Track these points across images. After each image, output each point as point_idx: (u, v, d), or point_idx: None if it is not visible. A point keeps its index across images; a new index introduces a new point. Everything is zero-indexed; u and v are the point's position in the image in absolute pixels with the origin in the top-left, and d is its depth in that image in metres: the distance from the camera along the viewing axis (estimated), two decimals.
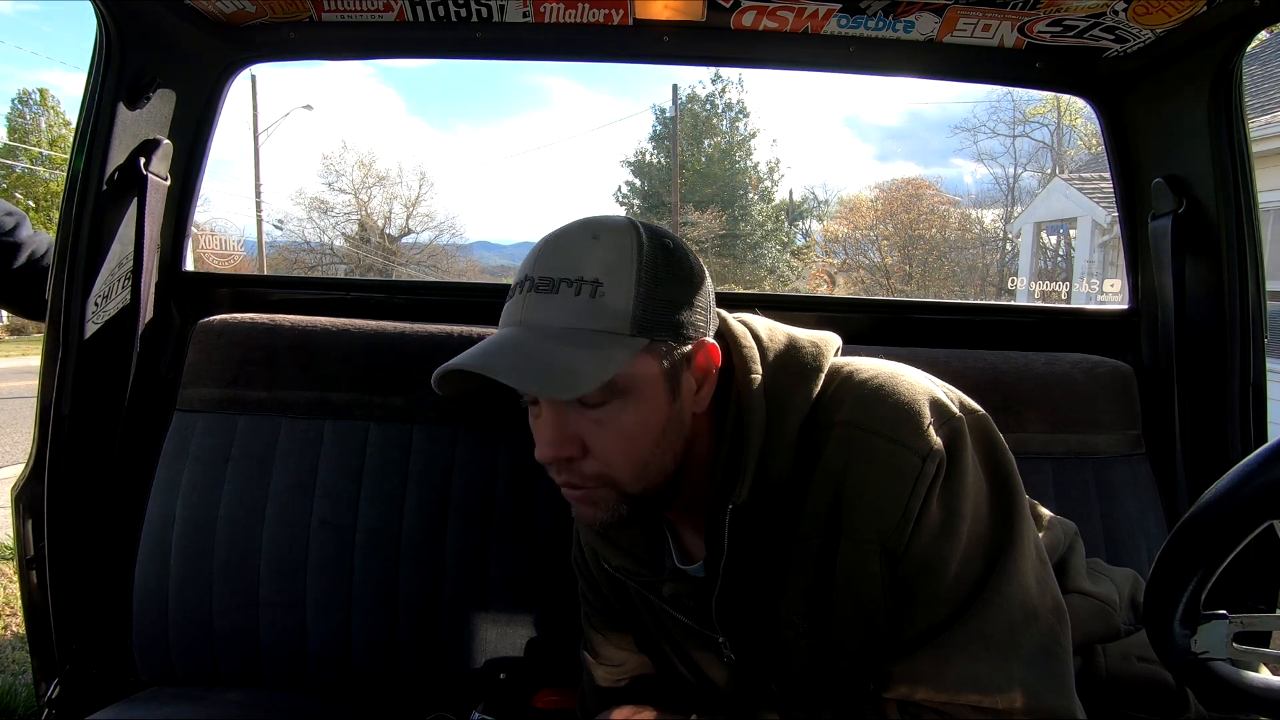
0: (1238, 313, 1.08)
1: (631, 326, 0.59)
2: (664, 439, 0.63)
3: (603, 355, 0.58)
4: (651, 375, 0.61)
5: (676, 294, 0.62)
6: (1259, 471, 0.49)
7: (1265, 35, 6.83)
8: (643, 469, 0.62)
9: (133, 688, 1.13)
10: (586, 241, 0.62)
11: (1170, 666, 0.55)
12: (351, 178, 25.73)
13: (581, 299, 0.59)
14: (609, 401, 0.60)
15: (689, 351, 0.63)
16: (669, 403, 0.62)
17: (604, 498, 0.63)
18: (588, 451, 0.62)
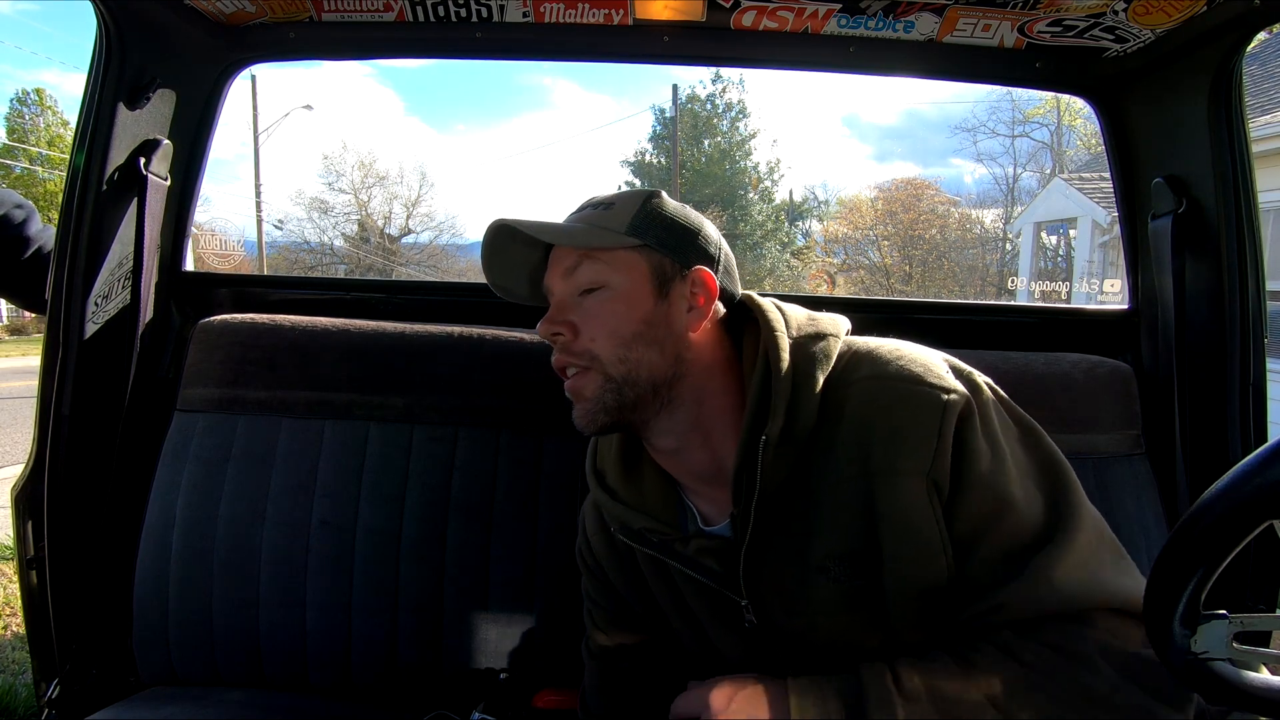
0: (1238, 313, 1.08)
1: (627, 228, 0.73)
2: (648, 332, 0.71)
3: (599, 236, 0.72)
4: (638, 271, 0.72)
5: (672, 221, 0.75)
6: (1258, 472, 0.49)
7: (1265, 35, 6.83)
8: (624, 352, 0.70)
9: (133, 688, 1.13)
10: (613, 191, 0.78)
11: (1170, 666, 0.55)
12: (351, 178, 25.74)
13: (597, 210, 0.75)
14: (600, 289, 0.72)
15: (683, 269, 0.73)
16: (653, 301, 0.72)
17: (592, 383, 0.71)
18: (578, 333, 0.71)
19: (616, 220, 0.73)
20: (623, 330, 0.70)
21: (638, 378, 0.70)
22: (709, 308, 0.74)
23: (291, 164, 50.27)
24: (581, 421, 0.72)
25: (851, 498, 0.66)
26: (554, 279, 0.75)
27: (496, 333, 1.21)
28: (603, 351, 0.70)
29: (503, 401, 1.17)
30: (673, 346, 0.72)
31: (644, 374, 0.70)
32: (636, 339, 0.70)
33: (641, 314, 0.71)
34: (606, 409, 0.71)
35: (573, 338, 0.71)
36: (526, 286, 0.80)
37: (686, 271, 0.73)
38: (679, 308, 0.72)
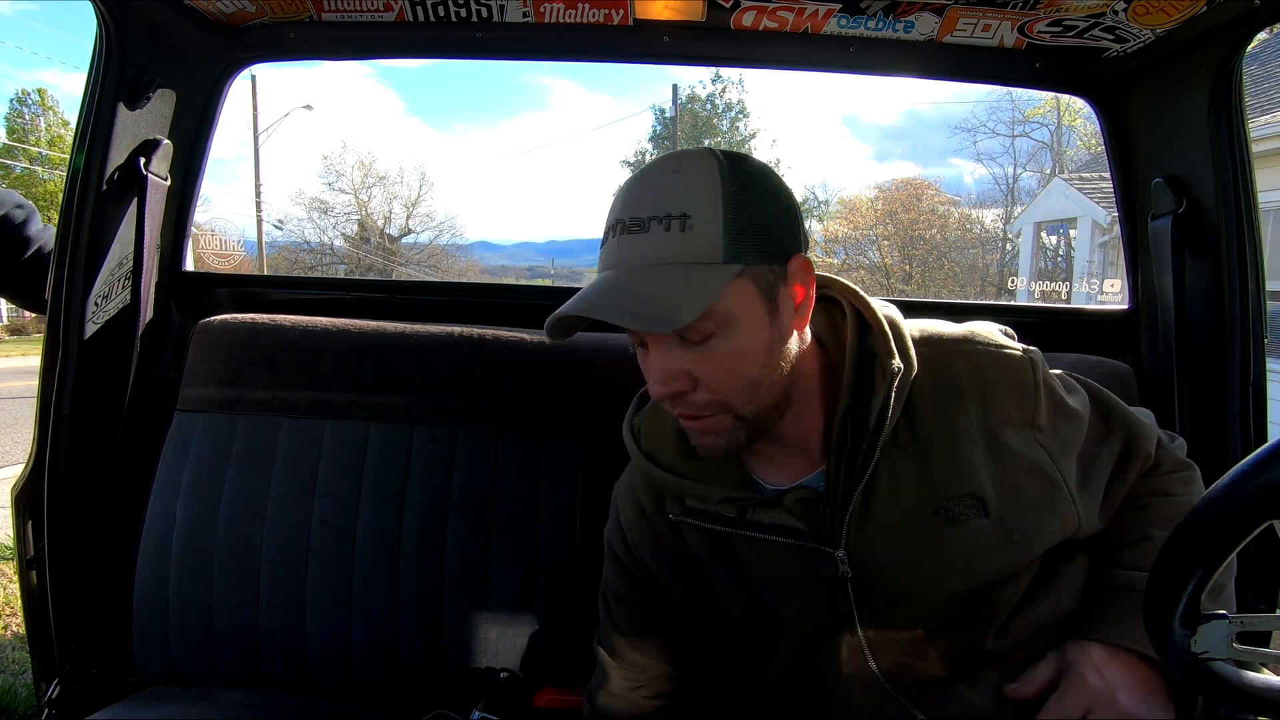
0: (1238, 313, 1.08)
1: (723, 254, 0.61)
2: (770, 359, 0.65)
3: (698, 286, 0.60)
4: (749, 299, 0.63)
5: (762, 215, 0.64)
6: (1258, 472, 0.49)
7: (1265, 35, 6.83)
8: (753, 392, 0.65)
9: (133, 688, 1.13)
10: (669, 177, 0.64)
11: (1170, 666, 0.55)
12: (351, 178, 25.75)
13: (672, 234, 0.61)
14: (712, 334, 0.62)
15: (782, 269, 0.65)
16: (769, 324, 0.64)
17: (720, 425, 0.66)
18: (698, 383, 0.64)
19: (706, 248, 0.61)
20: (748, 372, 0.64)
21: (766, 405, 0.67)
22: (810, 296, 0.68)
23: (291, 164, 50.30)
24: (709, 451, 0.69)
25: (969, 446, 0.69)
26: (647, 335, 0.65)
27: (496, 333, 1.21)
28: (732, 399, 0.65)
29: (503, 401, 1.17)
30: (789, 357, 0.67)
31: (771, 400, 0.67)
32: (761, 371, 0.65)
33: (763, 343, 0.65)
34: (738, 443, 0.67)
35: (692, 390, 0.65)
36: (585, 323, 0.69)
37: (785, 268, 0.65)
38: (786, 313, 0.66)
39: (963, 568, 0.69)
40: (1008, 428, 0.70)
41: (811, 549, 0.70)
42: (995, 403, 0.70)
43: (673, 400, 0.66)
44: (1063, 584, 0.73)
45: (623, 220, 0.64)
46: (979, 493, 0.68)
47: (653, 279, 0.61)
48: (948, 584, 0.69)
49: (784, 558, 0.72)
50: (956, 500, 0.68)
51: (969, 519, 0.68)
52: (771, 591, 0.74)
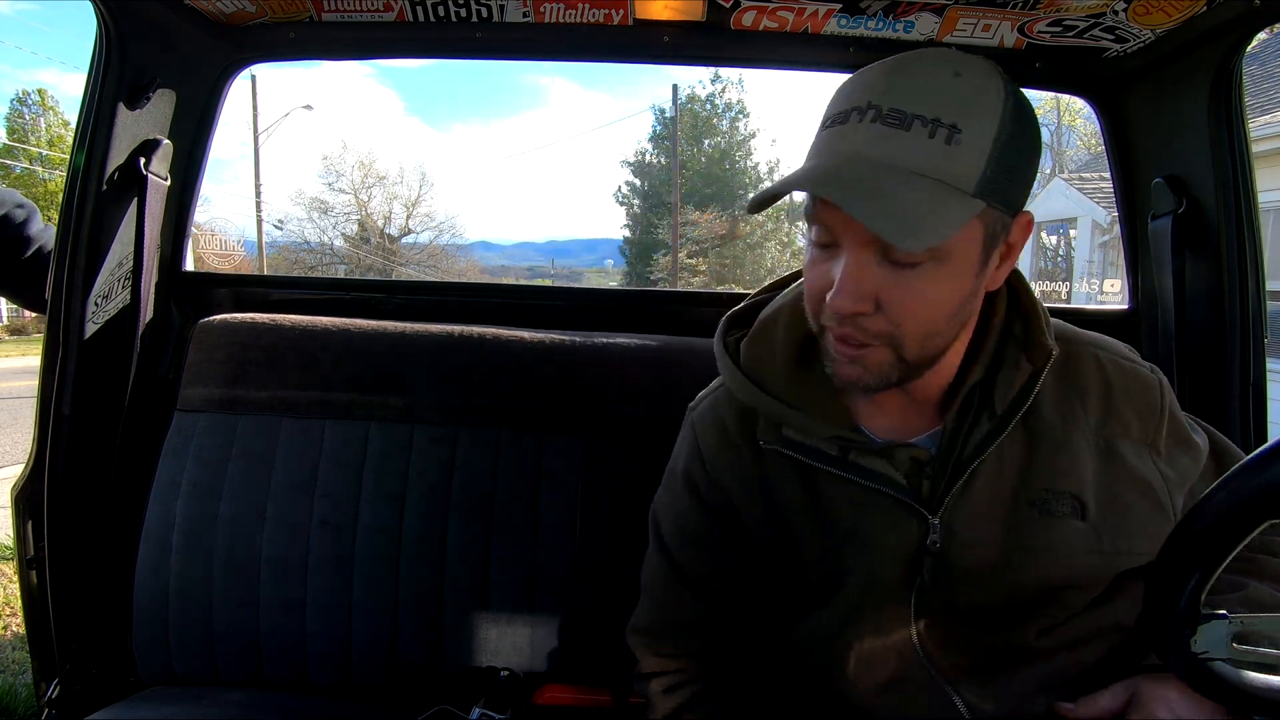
0: (1238, 313, 1.08)
1: (976, 186, 0.55)
2: (958, 311, 0.61)
3: (945, 210, 0.54)
4: (972, 243, 0.58)
5: (1020, 159, 0.58)
6: (1258, 471, 0.49)
7: (1265, 35, 6.83)
8: (929, 338, 0.61)
9: (133, 688, 1.13)
10: (947, 77, 0.56)
11: (1170, 666, 0.55)
12: (351, 178, 25.76)
13: (935, 143, 0.54)
14: (923, 264, 0.57)
15: (1010, 223, 0.60)
16: (975, 275, 0.60)
17: (878, 359, 0.61)
18: (880, 309, 0.59)
19: (963, 173, 0.55)
20: (937, 316, 0.60)
21: (931, 355, 0.63)
22: (1016, 258, 0.64)
23: (291, 164, 50.28)
24: (847, 382, 0.64)
25: (1081, 448, 0.68)
26: (849, 234, 0.58)
27: (497, 332, 1.21)
28: (907, 336, 0.60)
29: (503, 401, 1.17)
30: (970, 314, 0.64)
31: (937, 351, 0.63)
32: (947, 320, 0.61)
33: (962, 293, 0.60)
34: (884, 383, 0.63)
35: (871, 314, 0.59)
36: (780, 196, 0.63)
37: (1012, 223, 0.60)
38: (990, 268, 0.61)
39: (1044, 563, 0.67)
40: (1126, 441, 0.69)
41: (908, 507, 0.68)
42: (1118, 414, 0.70)
43: (845, 320, 0.60)
44: (1123, 599, 0.71)
45: (877, 106, 0.56)
46: (1080, 495, 0.67)
47: (902, 186, 0.54)
48: (1022, 576, 0.68)
49: (876, 510, 0.69)
50: (1056, 496, 0.67)
51: (1063, 516, 0.67)
52: (851, 540, 0.70)
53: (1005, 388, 0.68)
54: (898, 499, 0.68)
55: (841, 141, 0.58)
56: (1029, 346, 0.69)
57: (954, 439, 0.68)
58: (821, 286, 0.61)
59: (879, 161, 0.55)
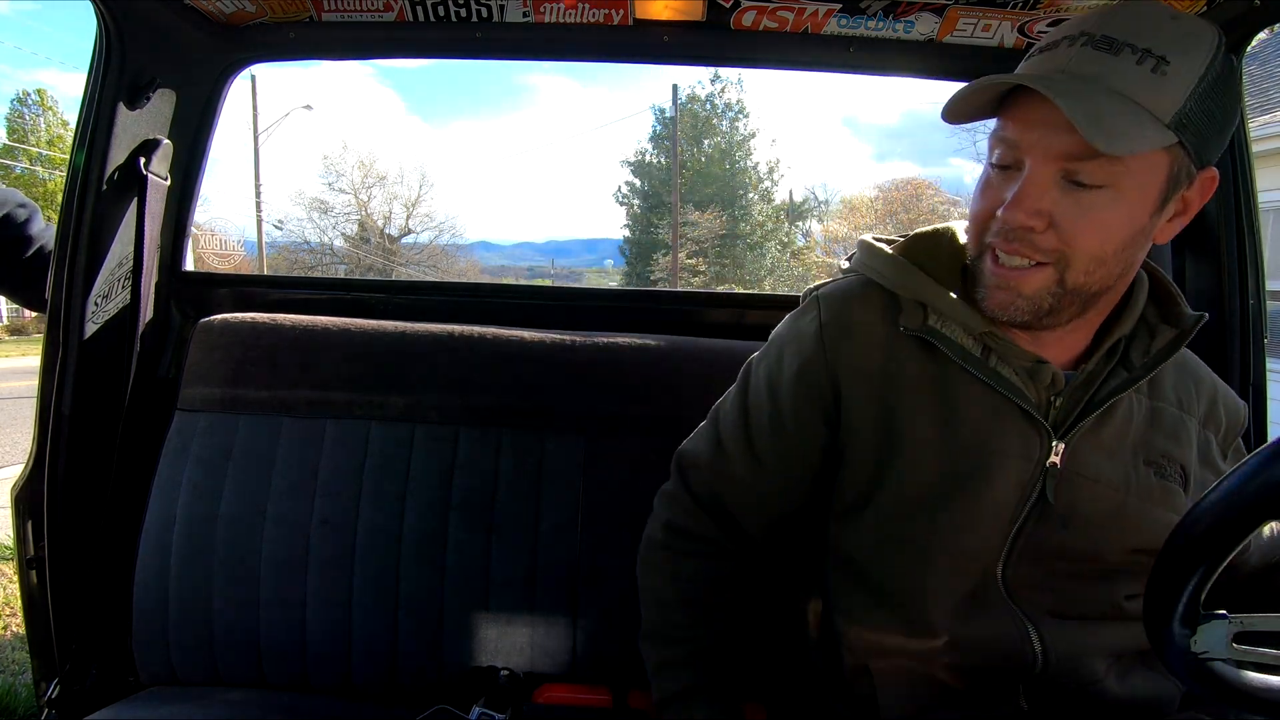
0: (1238, 313, 1.08)
1: (1173, 119, 0.57)
2: (1127, 246, 0.62)
3: (1141, 129, 0.56)
4: (1155, 178, 0.60)
5: (1220, 111, 0.60)
6: (1258, 471, 0.49)
7: (1265, 35, 6.83)
8: (1097, 265, 0.62)
9: (133, 688, 1.13)
10: (1164, 16, 0.59)
11: (1170, 666, 0.55)
12: (351, 178, 25.77)
13: (1143, 69, 0.57)
14: (1103, 188, 0.59)
15: (1196, 172, 0.62)
16: (1150, 215, 0.62)
17: (1037, 282, 0.63)
18: (1052, 227, 0.61)
19: (1167, 100, 0.57)
20: (1107, 245, 0.61)
21: (1086, 290, 0.63)
22: (1189, 217, 0.65)
23: (292, 164, 50.29)
24: (998, 309, 0.66)
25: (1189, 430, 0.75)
26: (1040, 151, 0.60)
27: (497, 332, 1.21)
28: (1076, 258, 0.61)
29: (503, 401, 1.17)
30: (1137, 256, 0.65)
31: (1099, 284, 0.64)
32: (1115, 253, 0.62)
33: (1135, 228, 0.61)
34: (1038, 310, 0.64)
35: (1043, 230, 0.61)
36: (985, 111, 0.65)
37: (1197, 174, 0.62)
38: (1167, 214, 0.63)
39: (1154, 517, 0.70)
40: (1215, 439, 0.78)
41: (1036, 424, 0.69)
42: (1216, 416, 0.78)
43: (1016, 234, 0.62)
44: None
45: (1090, 34, 0.59)
46: (1186, 467, 0.73)
47: (1104, 98, 0.57)
48: (1131, 526, 0.70)
49: (1005, 418, 0.69)
50: (1170, 463, 0.72)
51: (1172, 481, 0.72)
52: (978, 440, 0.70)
53: (1144, 346, 0.72)
54: (1027, 413, 0.69)
55: (1048, 63, 0.61)
56: (1168, 317, 0.73)
57: (1091, 380, 0.71)
58: (992, 206, 0.63)
59: (1087, 77, 0.58)
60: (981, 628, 0.70)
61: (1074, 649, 0.70)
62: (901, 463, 0.72)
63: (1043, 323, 0.66)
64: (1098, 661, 0.71)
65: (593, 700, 1.04)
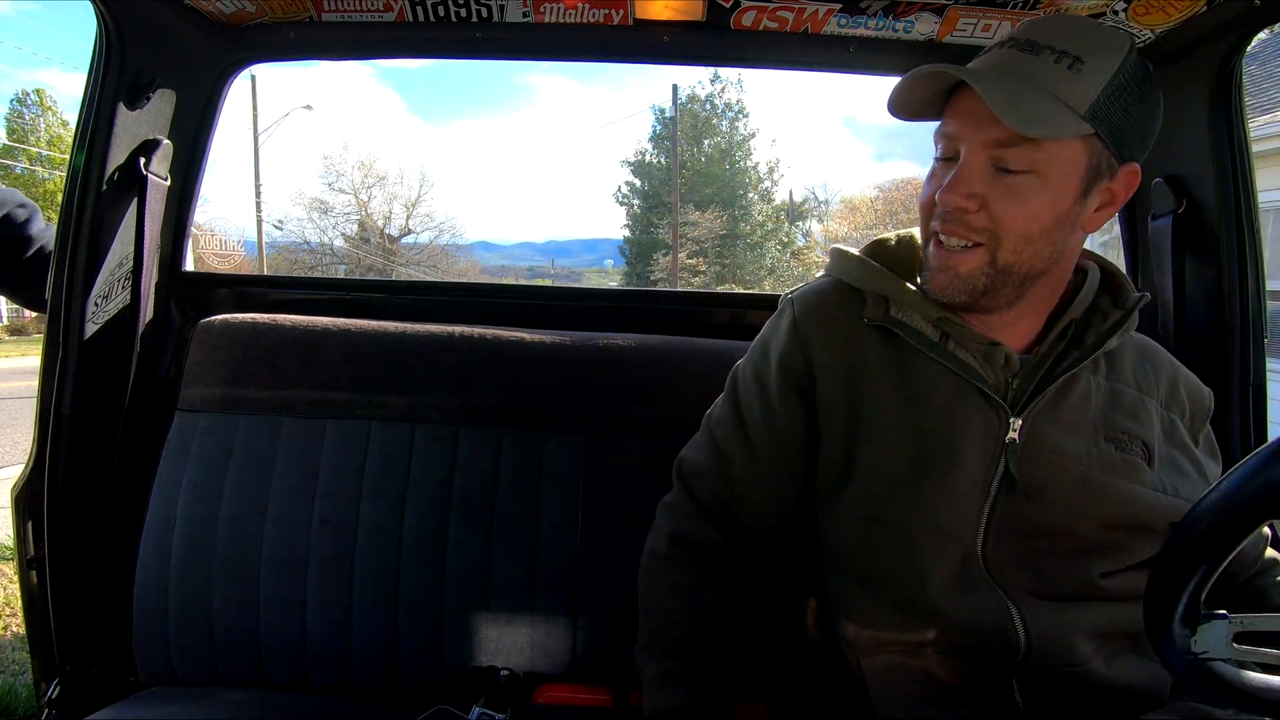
0: (1238, 313, 1.08)
1: (1088, 110, 0.65)
2: (1055, 229, 0.69)
3: (1058, 117, 0.64)
4: (1074, 166, 0.67)
5: (1135, 109, 0.67)
6: (1258, 471, 0.49)
7: (1265, 35, 6.83)
8: (1025, 244, 0.68)
9: (133, 688, 1.13)
10: (1084, 23, 0.69)
11: (1170, 666, 0.55)
12: (351, 178, 25.77)
13: (1059, 68, 0.65)
14: (1027, 174, 0.66)
15: (1116, 166, 0.69)
16: (1073, 202, 0.68)
17: (974, 265, 0.70)
18: (984, 208, 0.68)
19: (1081, 93, 0.65)
20: (1033, 225, 0.67)
21: (1017, 270, 0.70)
22: (1116, 209, 0.72)
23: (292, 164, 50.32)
24: (939, 291, 0.72)
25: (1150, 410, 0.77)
26: (971, 140, 0.68)
27: (497, 333, 1.21)
28: (1005, 237, 0.68)
29: (503, 401, 1.17)
30: (1063, 244, 0.70)
31: (1024, 268, 0.70)
32: (1041, 235, 0.68)
33: (1058, 213, 0.68)
34: (973, 290, 0.71)
35: (976, 211, 0.68)
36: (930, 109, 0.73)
37: (1118, 168, 0.69)
38: (1091, 205, 0.70)
39: (1117, 489, 0.72)
40: (1180, 423, 0.80)
41: (994, 403, 0.73)
42: (1178, 399, 0.81)
43: (952, 216, 0.69)
44: None
45: (1017, 39, 0.68)
46: (1149, 444, 0.76)
47: (1026, 89, 0.64)
48: (1095, 498, 0.72)
49: (964, 399, 0.74)
50: (1131, 439, 0.75)
51: (1135, 456, 0.75)
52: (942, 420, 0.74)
53: (1096, 327, 0.76)
54: (985, 393, 0.73)
55: (982, 63, 0.70)
56: (1119, 302, 0.78)
57: (1044, 360, 0.75)
58: (935, 193, 0.70)
59: (1011, 72, 0.66)
60: (967, 609, 0.72)
61: (1055, 629, 0.71)
62: (871, 447, 0.76)
63: (980, 303, 0.72)
64: (1081, 643, 0.72)
65: (593, 700, 1.04)
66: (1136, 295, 0.77)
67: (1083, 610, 0.73)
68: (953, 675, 0.74)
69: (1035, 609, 0.72)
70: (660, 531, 0.88)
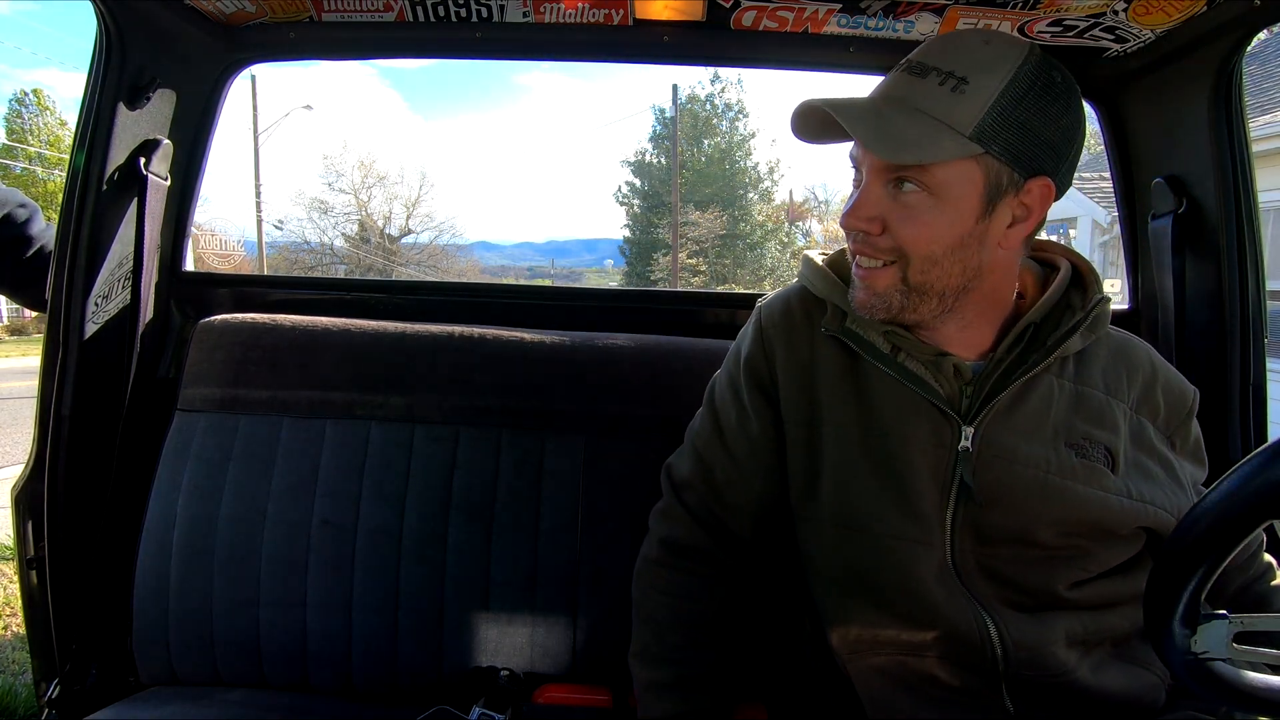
0: (1238, 313, 1.08)
1: (973, 130, 0.64)
2: (959, 250, 0.68)
3: (936, 141, 0.64)
4: (970, 185, 0.66)
5: (1035, 122, 0.65)
6: (1259, 471, 0.49)
7: (1265, 35, 6.83)
8: (930, 264, 0.68)
9: (133, 688, 1.13)
10: (976, 43, 0.67)
11: (1170, 666, 0.55)
12: (352, 178, 25.77)
13: (943, 89, 0.65)
14: (919, 194, 0.66)
15: (1021, 181, 0.67)
16: (975, 219, 0.67)
17: (886, 280, 0.70)
18: (887, 230, 0.68)
19: (965, 114, 0.64)
20: (935, 246, 0.68)
21: (931, 288, 0.70)
22: (1034, 223, 0.70)
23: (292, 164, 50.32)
24: (861, 308, 0.73)
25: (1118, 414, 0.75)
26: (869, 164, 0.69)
27: (497, 333, 1.21)
28: (911, 257, 0.69)
29: (503, 401, 1.17)
30: (977, 261, 0.69)
31: (938, 286, 0.70)
32: (946, 254, 0.68)
33: (960, 232, 0.67)
34: (889, 307, 0.71)
35: (879, 234, 0.69)
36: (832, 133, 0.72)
37: (1024, 182, 0.67)
38: (1000, 223, 0.68)
39: (1076, 496, 0.72)
40: (1152, 425, 0.78)
41: (943, 413, 0.73)
42: (1152, 399, 0.78)
43: (859, 238, 0.70)
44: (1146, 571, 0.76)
45: (911, 61, 0.69)
46: (1113, 449, 0.74)
47: (904, 118, 0.65)
48: (1054, 504, 0.72)
49: (915, 410, 0.75)
50: (1093, 445, 0.73)
51: (1096, 462, 0.73)
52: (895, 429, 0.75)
53: (1056, 328, 0.75)
54: (933, 404, 0.74)
55: (876, 89, 0.70)
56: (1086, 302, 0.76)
57: (998, 366, 0.74)
58: None
59: (894, 98, 0.66)
60: (946, 617, 0.73)
61: (1031, 639, 0.71)
62: (835, 454, 0.78)
63: (901, 318, 0.73)
64: (1061, 652, 0.72)
65: (593, 700, 1.04)
66: (1098, 296, 0.76)
67: (1056, 619, 0.73)
68: (940, 680, 0.74)
69: (1011, 619, 0.72)
70: (654, 537, 0.89)
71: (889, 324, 0.75)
